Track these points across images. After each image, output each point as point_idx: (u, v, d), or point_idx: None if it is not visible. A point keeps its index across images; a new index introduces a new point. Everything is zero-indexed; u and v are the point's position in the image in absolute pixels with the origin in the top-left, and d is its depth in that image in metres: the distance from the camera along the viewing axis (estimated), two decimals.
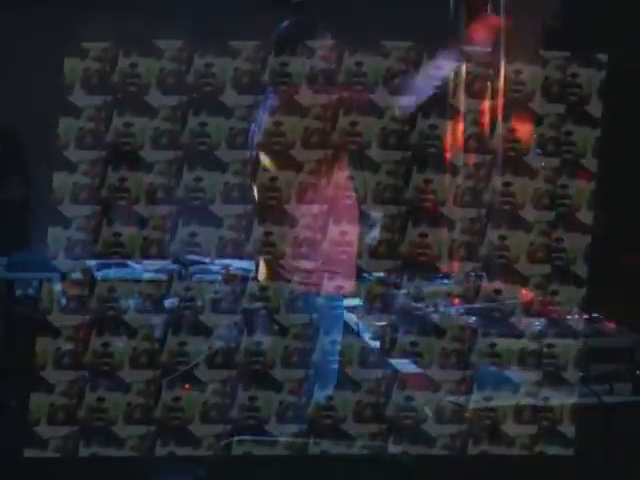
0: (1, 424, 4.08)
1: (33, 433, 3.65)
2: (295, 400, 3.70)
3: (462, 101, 3.98)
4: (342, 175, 3.85)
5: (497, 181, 3.73)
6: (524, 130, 3.80)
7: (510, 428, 3.48)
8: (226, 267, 5.02)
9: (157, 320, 3.95)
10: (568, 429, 3.45)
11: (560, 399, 3.44)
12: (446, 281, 4.27)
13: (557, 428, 3.47)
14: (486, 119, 4.13)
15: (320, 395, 3.75)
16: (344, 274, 3.87)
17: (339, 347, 3.79)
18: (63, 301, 3.97)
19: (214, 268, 4.98)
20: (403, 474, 3.29)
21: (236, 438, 3.60)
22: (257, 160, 3.83)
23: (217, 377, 3.75)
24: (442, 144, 3.77)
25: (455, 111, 3.89)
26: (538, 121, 3.78)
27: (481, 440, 3.48)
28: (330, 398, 3.72)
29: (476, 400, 3.42)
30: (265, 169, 3.77)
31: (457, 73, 3.98)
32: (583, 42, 3.90)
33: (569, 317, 3.69)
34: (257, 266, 3.94)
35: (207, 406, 3.71)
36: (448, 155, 3.91)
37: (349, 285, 3.92)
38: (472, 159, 3.80)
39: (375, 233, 3.89)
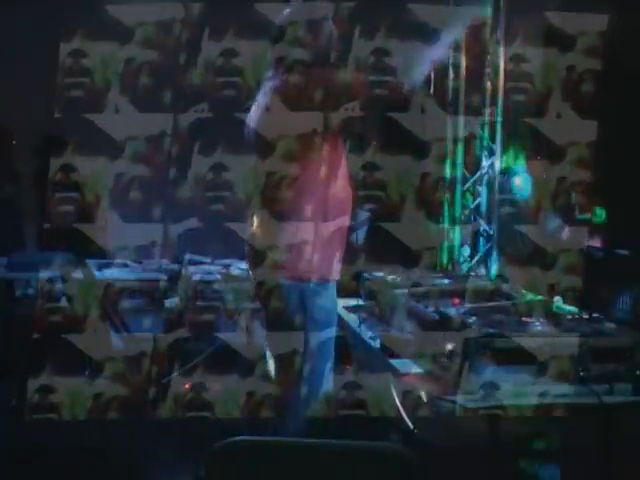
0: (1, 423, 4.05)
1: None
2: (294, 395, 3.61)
3: None
4: (340, 164, 3.74)
5: None
6: None
7: (509, 427, 3.40)
8: (226, 266, 5.01)
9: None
10: (567, 429, 3.40)
11: (559, 398, 3.38)
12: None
13: (556, 428, 3.42)
14: None
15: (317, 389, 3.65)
16: (336, 266, 3.76)
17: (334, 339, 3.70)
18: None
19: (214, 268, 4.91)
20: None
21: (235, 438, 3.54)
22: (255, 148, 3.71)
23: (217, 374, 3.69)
24: None
25: None
26: None
27: (478, 438, 3.42)
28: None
29: (473, 399, 3.33)
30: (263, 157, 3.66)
31: None
32: None
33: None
34: (250, 262, 3.83)
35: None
36: None
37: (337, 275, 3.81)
38: None
39: (362, 232, 3.85)
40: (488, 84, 4.85)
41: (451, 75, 4.84)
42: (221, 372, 3.68)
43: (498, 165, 5.47)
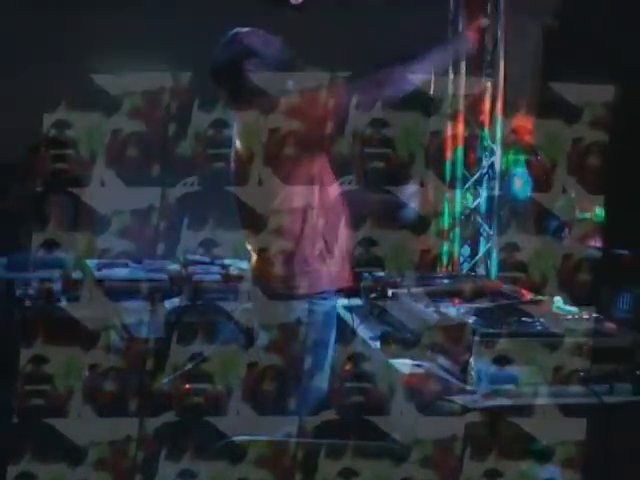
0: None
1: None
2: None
3: None
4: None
5: None
6: None
7: (509, 427, 3.30)
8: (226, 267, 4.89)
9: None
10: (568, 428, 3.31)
11: (559, 398, 3.30)
12: None
13: (556, 428, 3.32)
14: None
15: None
16: (340, 274, 3.68)
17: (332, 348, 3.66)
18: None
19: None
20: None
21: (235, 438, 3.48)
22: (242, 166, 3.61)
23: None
24: None
25: None
26: None
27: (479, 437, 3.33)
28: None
29: (474, 399, 3.26)
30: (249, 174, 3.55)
31: None
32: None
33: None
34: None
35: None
36: None
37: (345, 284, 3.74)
38: None
39: (412, 210, 3.77)
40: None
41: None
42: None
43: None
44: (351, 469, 3.47)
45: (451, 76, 5.60)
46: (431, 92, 4.48)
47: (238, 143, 3.61)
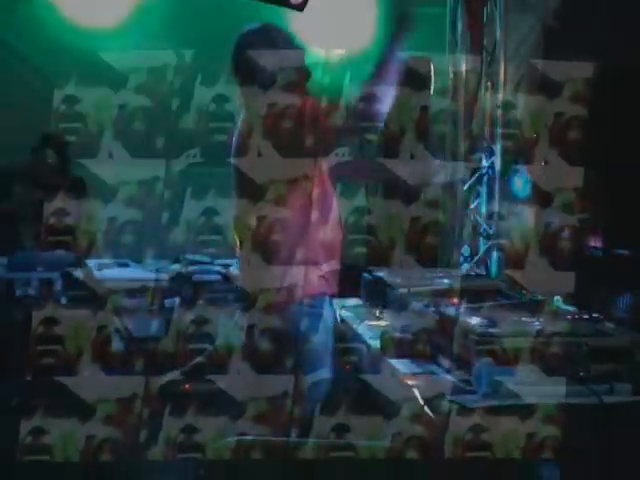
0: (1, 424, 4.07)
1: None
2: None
3: None
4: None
5: None
6: None
7: (508, 426, 3.40)
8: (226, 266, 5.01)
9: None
10: (568, 429, 3.38)
11: (559, 398, 3.36)
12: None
13: (557, 428, 3.40)
14: None
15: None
16: (333, 272, 3.82)
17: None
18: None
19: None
20: None
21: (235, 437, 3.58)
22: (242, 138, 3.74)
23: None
24: None
25: None
26: None
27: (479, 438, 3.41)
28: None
29: (474, 399, 3.32)
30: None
31: None
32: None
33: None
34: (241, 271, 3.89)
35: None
36: None
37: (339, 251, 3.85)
38: None
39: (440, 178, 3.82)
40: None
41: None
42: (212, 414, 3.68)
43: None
44: (344, 425, 3.62)
45: (451, 75, 5.63)
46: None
47: (239, 116, 3.78)
